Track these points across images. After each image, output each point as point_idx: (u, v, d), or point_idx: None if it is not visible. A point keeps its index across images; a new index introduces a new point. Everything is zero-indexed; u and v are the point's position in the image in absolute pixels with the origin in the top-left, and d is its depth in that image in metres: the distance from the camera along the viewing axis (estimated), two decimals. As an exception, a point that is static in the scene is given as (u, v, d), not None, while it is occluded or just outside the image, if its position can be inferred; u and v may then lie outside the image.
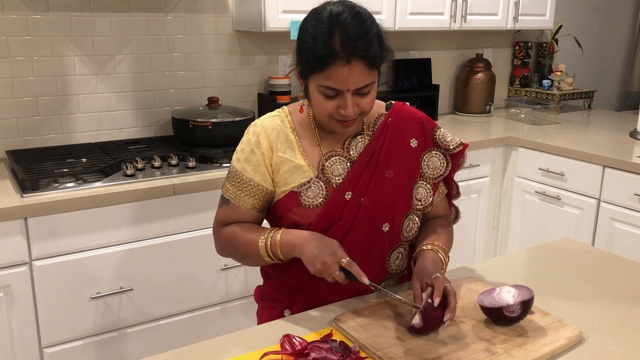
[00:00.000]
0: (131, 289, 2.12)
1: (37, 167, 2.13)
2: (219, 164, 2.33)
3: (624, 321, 1.29)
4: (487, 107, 3.59)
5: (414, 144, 1.41)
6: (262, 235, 1.33)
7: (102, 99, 2.54)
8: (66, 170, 2.12)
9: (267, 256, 1.32)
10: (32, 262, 1.95)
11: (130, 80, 2.59)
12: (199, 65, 2.74)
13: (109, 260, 2.06)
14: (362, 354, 1.14)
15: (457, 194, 1.54)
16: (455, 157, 1.45)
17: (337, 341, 1.16)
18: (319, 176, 1.36)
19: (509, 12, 3.27)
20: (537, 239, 2.97)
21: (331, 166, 1.37)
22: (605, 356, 1.16)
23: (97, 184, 2.05)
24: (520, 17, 3.31)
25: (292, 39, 2.50)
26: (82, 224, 1.99)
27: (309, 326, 1.25)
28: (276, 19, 2.53)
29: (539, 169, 2.95)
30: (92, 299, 2.05)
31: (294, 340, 1.16)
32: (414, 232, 1.44)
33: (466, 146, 1.46)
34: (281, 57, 2.94)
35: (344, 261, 1.23)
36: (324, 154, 1.38)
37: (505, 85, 3.91)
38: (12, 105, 2.36)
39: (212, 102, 2.58)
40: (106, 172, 2.15)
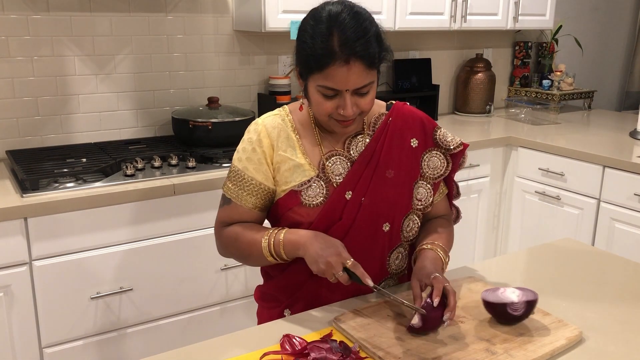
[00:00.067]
0: (131, 289, 2.12)
1: (37, 167, 2.13)
2: (219, 164, 2.33)
3: (624, 321, 1.29)
4: (487, 107, 3.59)
5: (415, 143, 1.41)
6: (264, 235, 1.32)
7: (102, 99, 2.54)
8: (66, 170, 2.12)
9: (270, 256, 1.32)
10: (32, 262, 1.95)
11: (130, 80, 2.59)
12: (199, 65, 2.74)
13: (109, 260, 2.06)
14: (362, 354, 1.14)
15: (458, 194, 1.55)
16: (455, 157, 1.45)
17: (337, 341, 1.16)
18: (320, 175, 1.36)
19: (509, 12, 3.27)
20: (537, 239, 2.97)
21: (332, 165, 1.37)
22: (605, 356, 1.16)
23: (97, 184, 2.05)
24: (520, 17, 3.31)
25: (292, 39, 2.49)
26: (82, 224, 1.99)
27: (309, 326, 1.25)
28: (276, 19, 2.53)
29: (539, 169, 2.95)
30: (92, 299, 2.05)
31: (294, 340, 1.16)
32: (414, 232, 1.44)
33: (466, 146, 1.46)
34: (281, 57, 2.94)
35: (348, 262, 1.23)
36: (324, 153, 1.38)
37: (505, 85, 3.91)
38: (12, 105, 2.36)
39: (212, 102, 2.58)
40: (106, 172, 2.15)
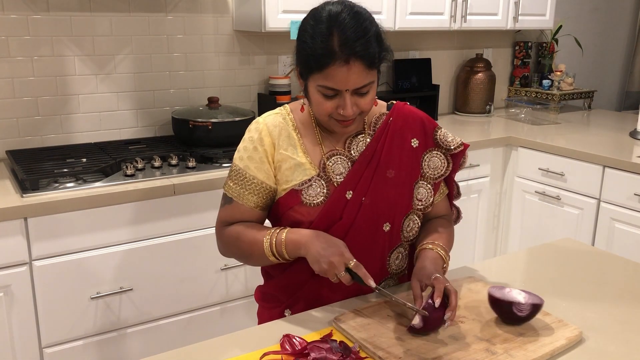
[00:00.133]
0: (131, 289, 2.12)
1: (37, 167, 2.13)
2: (219, 164, 2.33)
3: (624, 321, 1.29)
4: (487, 107, 3.59)
5: (415, 143, 1.41)
6: (266, 234, 1.32)
7: (102, 99, 2.54)
8: (66, 170, 2.12)
9: (271, 255, 1.32)
10: (32, 262, 1.95)
11: (130, 80, 2.59)
12: (199, 65, 2.74)
13: (109, 260, 2.06)
14: (362, 354, 1.14)
15: (458, 194, 1.54)
16: (456, 157, 1.45)
17: (337, 341, 1.16)
18: (320, 175, 1.36)
19: (509, 12, 3.27)
20: (537, 239, 2.97)
21: (332, 165, 1.37)
22: (605, 356, 1.16)
23: (97, 184, 2.05)
24: (520, 17, 3.31)
25: (292, 39, 2.49)
26: (82, 224, 1.99)
27: (309, 326, 1.25)
28: (276, 19, 2.53)
29: (539, 169, 2.95)
30: (92, 299, 2.05)
31: (294, 340, 1.16)
32: (415, 232, 1.44)
33: (467, 146, 1.46)
34: (281, 57, 2.94)
35: (351, 263, 1.23)
36: (325, 152, 1.38)
37: (505, 85, 3.91)
38: (12, 105, 2.36)
39: (212, 102, 2.58)
40: (106, 172, 2.15)
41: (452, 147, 1.43)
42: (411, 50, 3.44)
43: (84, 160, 2.28)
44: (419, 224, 1.45)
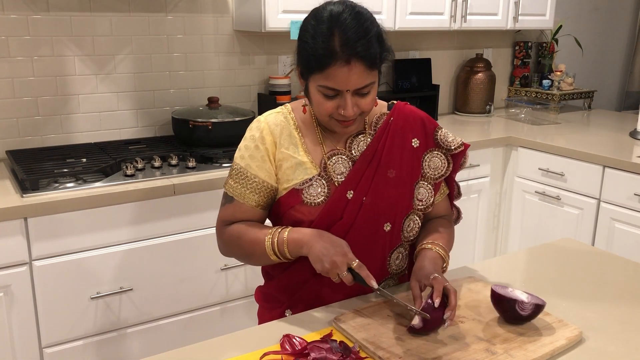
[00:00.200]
0: (131, 289, 2.12)
1: (37, 167, 2.13)
2: (219, 164, 2.32)
3: (624, 321, 1.29)
4: (487, 107, 3.59)
5: (416, 143, 1.41)
6: (268, 233, 1.32)
7: (102, 99, 2.54)
8: (66, 170, 2.12)
9: (273, 254, 1.31)
10: (32, 262, 1.95)
11: (130, 80, 2.59)
12: (199, 65, 2.74)
13: (109, 260, 2.06)
14: (362, 354, 1.14)
15: (459, 194, 1.54)
16: (456, 158, 1.45)
17: (337, 341, 1.16)
18: (321, 174, 1.36)
19: (509, 12, 3.27)
20: (537, 239, 2.97)
21: (333, 165, 1.37)
22: (605, 356, 1.16)
23: (97, 184, 2.05)
24: (520, 17, 3.31)
25: (292, 39, 2.50)
26: (82, 224, 1.99)
27: (309, 326, 1.25)
28: (276, 19, 2.53)
29: (539, 169, 2.95)
30: (92, 299, 2.05)
31: (294, 340, 1.16)
32: (415, 232, 1.44)
33: (467, 146, 1.46)
34: (281, 57, 2.94)
35: (354, 263, 1.23)
36: (326, 152, 1.37)
37: (505, 85, 3.91)
38: (12, 105, 2.36)
39: (212, 102, 2.58)
40: (106, 172, 2.15)
41: (453, 147, 1.43)
42: (411, 50, 3.44)
43: (84, 160, 2.28)
44: (420, 224, 1.45)
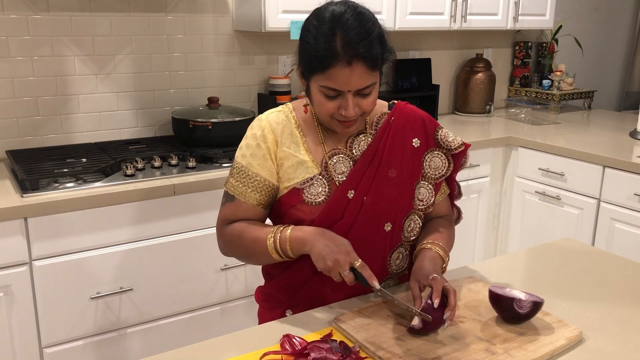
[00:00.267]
0: (131, 289, 2.12)
1: (37, 167, 2.13)
2: (219, 164, 2.33)
3: (624, 321, 1.29)
4: (487, 107, 3.59)
5: (417, 143, 1.41)
6: (269, 232, 1.32)
7: (102, 99, 2.54)
8: (66, 170, 2.12)
9: (275, 252, 1.31)
10: (32, 262, 1.95)
11: (130, 80, 2.59)
12: (199, 65, 2.74)
13: (109, 260, 2.06)
14: (362, 354, 1.14)
15: (459, 194, 1.54)
16: (457, 158, 1.45)
17: (337, 341, 1.16)
18: (322, 174, 1.36)
19: (509, 12, 3.27)
20: (537, 239, 2.97)
21: (334, 164, 1.37)
22: (605, 356, 1.16)
23: (97, 184, 2.05)
24: (520, 17, 3.31)
25: (292, 39, 2.50)
26: (82, 224, 1.99)
27: (309, 326, 1.25)
28: (276, 19, 2.53)
29: (539, 169, 2.95)
30: (92, 299, 2.05)
31: (294, 340, 1.16)
32: (416, 233, 1.44)
33: (468, 146, 1.45)
34: (281, 57, 2.94)
35: (356, 263, 1.23)
36: (327, 152, 1.37)
37: (505, 85, 3.91)
38: (12, 105, 2.36)
39: (212, 102, 2.58)
40: (106, 172, 2.15)
41: (453, 147, 1.43)
42: (411, 50, 3.44)
43: (84, 160, 2.28)
44: (420, 224, 1.45)
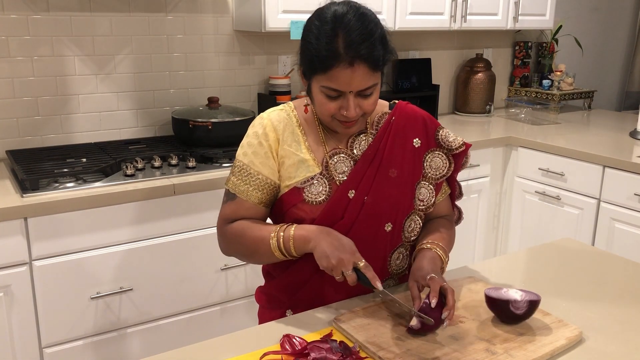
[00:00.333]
0: (131, 289, 2.12)
1: (37, 167, 2.13)
2: (219, 164, 2.32)
3: (624, 321, 1.29)
4: (487, 107, 3.59)
5: (417, 143, 1.41)
6: (272, 230, 1.31)
7: (102, 99, 2.54)
8: (66, 170, 2.12)
9: (277, 251, 1.30)
10: (32, 262, 1.95)
11: (130, 80, 2.59)
12: (199, 65, 2.74)
13: (109, 260, 2.06)
14: (362, 354, 1.14)
15: (460, 194, 1.54)
16: (457, 158, 1.44)
17: (337, 341, 1.16)
18: (323, 173, 1.36)
19: (509, 12, 3.27)
20: (537, 239, 2.97)
21: (335, 164, 1.37)
22: (605, 356, 1.16)
23: (97, 184, 2.05)
24: (520, 17, 3.31)
25: (292, 38, 2.50)
26: (82, 224, 1.99)
27: (309, 326, 1.25)
28: (276, 19, 2.53)
29: (539, 169, 2.95)
30: (92, 299, 2.05)
31: (294, 340, 1.16)
32: (416, 233, 1.44)
33: (469, 146, 1.45)
34: (281, 57, 2.94)
35: (360, 263, 1.22)
36: (328, 151, 1.37)
37: (505, 85, 3.91)
38: (12, 105, 2.36)
39: (212, 102, 2.58)
40: (106, 172, 2.15)
41: (454, 147, 1.43)
42: (411, 50, 3.44)
43: (84, 160, 2.28)
44: (421, 225, 1.45)
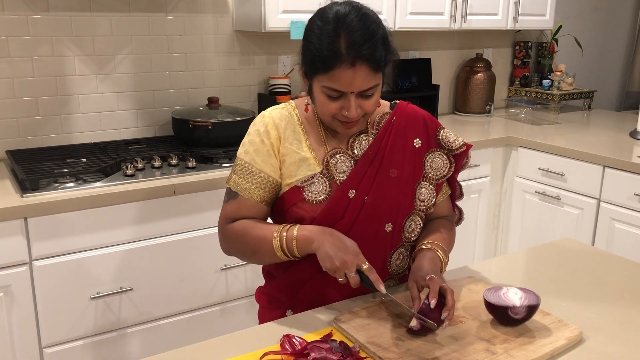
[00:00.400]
0: (131, 289, 2.12)
1: (37, 167, 2.13)
2: (219, 164, 2.32)
3: (624, 321, 1.29)
4: (487, 107, 3.59)
5: (418, 144, 1.41)
6: (275, 230, 1.31)
7: (102, 99, 2.54)
8: (66, 170, 2.12)
9: (280, 251, 1.30)
10: (32, 262, 1.95)
11: (130, 80, 2.59)
12: (199, 65, 2.74)
13: (109, 260, 2.06)
14: (362, 354, 1.14)
15: (461, 194, 1.54)
16: (458, 158, 1.44)
17: (337, 341, 1.16)
18: (323, 172, 1.36)
19: (509, 12, 3.27)
20: (537, 239, 2.97)
21: (335, 163, 1.37)
22: (605, 356, 1.16)
23: (97, 184, 2.05)
24: (520, 17, 3.31)
25: (292, 39, 2.50)
26: (82, 224, 1.99)
27: (309, 326, 1.25)
28: (276, 19, 2.53)
29: (539, 169, 2.95)
30: (92, 299, 2.05)
31: (294, 340, 1.16)
32: (416, 233, 1.44)
33: (470, 146, 1.45)
34: (281, 57, 2.94)
35: (364, 266, 1.22)
36: (328, 151, 1.37)
37: (505, 85, 3.91)
38: (12, 105, 2.36)
39: (212, 102, 2.58)
40: (106, 172, 2.15)
41: (455, 148, 1.43)
42: (411, 50, 3.44)
43: (84, 160, 2.28)
44: (421, 225, 1.44)
